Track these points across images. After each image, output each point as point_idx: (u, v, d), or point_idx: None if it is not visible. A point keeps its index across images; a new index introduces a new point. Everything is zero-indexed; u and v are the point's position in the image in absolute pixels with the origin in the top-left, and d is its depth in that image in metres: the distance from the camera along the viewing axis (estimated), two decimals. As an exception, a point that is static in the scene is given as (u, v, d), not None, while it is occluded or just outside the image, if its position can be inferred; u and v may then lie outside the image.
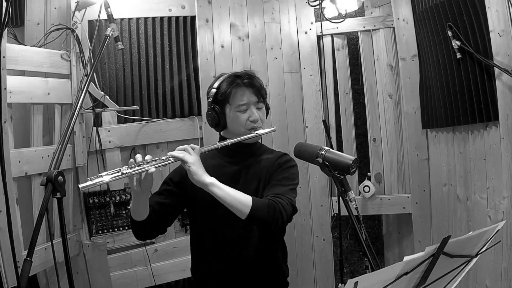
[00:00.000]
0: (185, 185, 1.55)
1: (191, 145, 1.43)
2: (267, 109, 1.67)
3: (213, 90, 1.59)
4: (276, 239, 1.66)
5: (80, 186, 1.24)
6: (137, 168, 1.32)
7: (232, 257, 1.58)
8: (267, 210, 1.40)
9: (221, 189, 1.38)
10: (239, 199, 1.39)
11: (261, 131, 1.58)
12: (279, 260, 1.66)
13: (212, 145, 1.49)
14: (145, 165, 1.33)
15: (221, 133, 1.66)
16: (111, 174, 1.28)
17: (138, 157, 1.35)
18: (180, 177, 1.59)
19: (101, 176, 1.27)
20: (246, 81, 1.57)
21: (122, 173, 1.29)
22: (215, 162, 1.60)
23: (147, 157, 1.36)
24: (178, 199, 1.60)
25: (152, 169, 1.33)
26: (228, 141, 1.50)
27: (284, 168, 1.59)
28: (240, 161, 1.62)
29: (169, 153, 1.39)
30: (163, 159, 1.37)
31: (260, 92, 1.60)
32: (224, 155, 1.62)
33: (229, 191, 1.39)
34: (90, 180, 1.24)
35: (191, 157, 1.38)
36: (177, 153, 1.39)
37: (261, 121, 1.60)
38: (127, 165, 1.32)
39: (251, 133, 1.56)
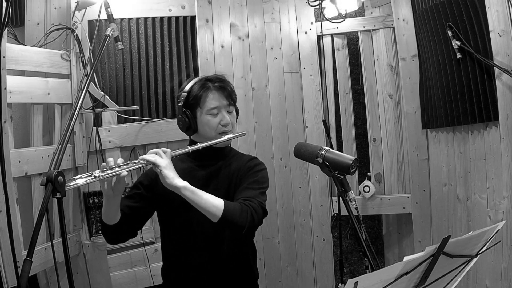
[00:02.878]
0: (155, 188, 1.56)
1: (163, 148, 1.43)
2: (237, 113, 1.67)
3: (184, 94, 1.58)
4: (246, 242, 1.67)
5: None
6: (109, 171, 1.32)
7: (204, 259, 1.58)
8: (239, 213, 1.40)
9: (193, 192, 1.38)
10: (212, 202, 1.39)
11: (231, 135, 1.59)
12: (249, 262, 1.68)
13: (183, 149, 1.50)
14: (117, 169, 1.34)
15: (191, 137, 1.66)
16: (84, 177, 1.29)
17: (110, 160, 1.35)
18: (150, 180, 1.59)
19: (75, 179, 1.27)
20: (217, 84, 1.58)
21: (95, 176, 1.29)
22: (185, 166, 1.59)
23: (119, 161, 1.36)
24: (149, 202, 1.59)
25: (125, 173, 1.34)
26: (199, 145, 1.51)
27: (254, 172, 1.59)
28: (210, 164, 1.62)
29: (140, 157, 1.40)
30: (135, 163, 1.38)
31: (231, 96, 1.60)
32: (194, 159, 1.62)
33: (202, 195, 1.39)
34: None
35: (163, 161, 1.38)
36: (148, 156, 1.39)
37: (231, 125, 1.60)
38: (100, 169, 1.33)
39: (222, 137, 1.57)
